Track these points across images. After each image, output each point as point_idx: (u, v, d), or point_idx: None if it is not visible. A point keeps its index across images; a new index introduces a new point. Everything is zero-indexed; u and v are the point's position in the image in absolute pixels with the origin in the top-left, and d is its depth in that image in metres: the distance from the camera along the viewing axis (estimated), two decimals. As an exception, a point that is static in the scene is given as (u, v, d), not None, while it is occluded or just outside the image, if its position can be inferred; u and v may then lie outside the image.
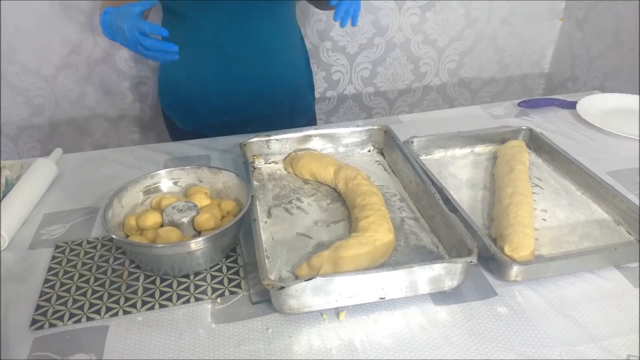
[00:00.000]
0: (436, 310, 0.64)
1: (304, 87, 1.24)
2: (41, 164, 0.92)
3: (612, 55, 1.61)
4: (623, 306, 0.64)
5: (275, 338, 0.61)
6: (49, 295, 0.67)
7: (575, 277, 0.69)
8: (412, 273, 0.62)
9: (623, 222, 0.77)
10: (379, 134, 0.98)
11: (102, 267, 0.72)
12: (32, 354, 0.59)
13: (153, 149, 1.03)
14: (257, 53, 1.09)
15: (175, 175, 0.82)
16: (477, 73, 1.89)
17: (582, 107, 1.14)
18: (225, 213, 0.76)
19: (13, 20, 1.42)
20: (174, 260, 0.67)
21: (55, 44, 1.48)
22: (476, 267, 0.70)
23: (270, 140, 0.95)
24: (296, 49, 1.19)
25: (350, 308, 0.64)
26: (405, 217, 0.80)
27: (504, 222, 0.74)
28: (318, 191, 0.88)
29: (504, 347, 0.59)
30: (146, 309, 0.65)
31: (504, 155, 0.92)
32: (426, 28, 1.74)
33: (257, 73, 1.11)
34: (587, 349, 0.59)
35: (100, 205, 0.85)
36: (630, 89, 1.47)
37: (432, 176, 0.83)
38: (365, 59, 1.75)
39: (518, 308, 0.64)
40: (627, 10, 1.53)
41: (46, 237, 0.79)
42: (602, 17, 1.64)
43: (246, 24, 1.05)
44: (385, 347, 0.59)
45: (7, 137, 1.61)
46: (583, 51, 1.74)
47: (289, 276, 0.69)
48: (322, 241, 0.75)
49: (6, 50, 1.46)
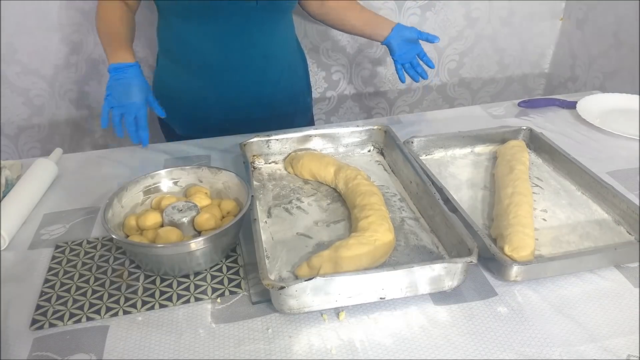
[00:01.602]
0: (436, 310, 0.64)
1: (302, 90, 1.24)
2: (41, 164, 0.92)
3: (612, 55, 1.61)
4: (623, 306, 0.64)
5: (275, 338, 0.61)
6: (49, 295, 0.67)
7: (575, 277, 0.69)
8: (412, 273, 0.62)
9: (623, 222, 0.77)
10: (379, 134, 0.98)
11: (102, 267, 0.72)
12: (32, 354, 0.59)
13: (153, 149, 1.03)
14: (256, 59, 1.09)
15: (175, 175, 0.82)
16: (477, 73, 1.89)
17: (582, 107, 1.14)
18: (225, 213, 0.76)
19: (13, 20, 1.42)
20: (174, 260, 0.67)
21: (55, 44, 1.48)
22: (476, 267, 0.70)
23: (270, 140, 0.95)
24: (293, 53, 1.19)
25: (350, 308, 0.64)
26: (405, 217, 0.80)
27: (504, 222, 0.74)
28: (318, 191, 0.88)
29: (504, 347, 0.59)
30: (146, 309, 0.65)
31: (504, 155, 0.92)
32: (426, 28, 1.74)
33: (256, 78, 1.11)
34: (587, 349, 0.59)
35: (100, 205, 0.85)
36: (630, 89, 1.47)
37: (432, 176, 0.83)
38: (366, 59, 1.75)
39: (518, 308, 0.64)
40: (627, 10, 1.53)
41: (46, 237, 0.79)
42: (602, 17, 1.64)
43: (245, 30, 1.05)
44: (385, 347, 0.59)
45: (7, 137, 1.61)
46: (583, 51, 1.74)
47: (289, 276, 0.69)
48: (322, 241, 0.75)
49: (6, 50, 1.46)
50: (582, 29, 1.73)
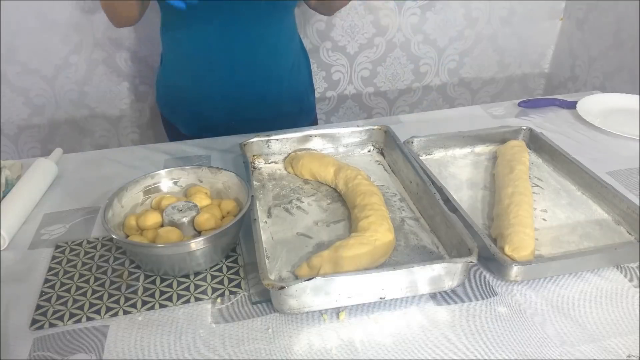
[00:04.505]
0: (436, 310, 0.64)
1: (306, 88, 1.24)
2: (41, 164, 0.92)
3: (612, 55, 1.61)
4: (623, 306, 0.64)
5: (275, 338, 0.61)
6: (49, 295, 0.67)
7: (575, 277, 0.69)
8: (412, 273, 0.62)
9: (623, 222, 0.77)
10: (379, 134, 0.98)
11: (102, 267, 0.72)
12: (32, 354, 0.59)
13: (153, 149, 1.03)
14: (261, 56, 1.09)
15: (175, 175, 0.82)
16: (477, 73, 1.89)
17: (582, 107, 1.14)
18: (225, 213, 0.76)
19: (13, 20, 1.42)
20: (174, 260, 0.67)
21: (55, 44, 1.49)
22: (476, 267, 0.70)
23: (270, 140, 0.95)
24: (297, 50, 1.19)
25: (350, 308, 0.64)
26: (405, 217, 0.80)
27: (504, 222, 0.74)
28: (318, 191, 0.88)
29: (504, 347, 0.59)
30: (146, 309, 0.65)
31: (504, 155, 0.92)
32: (426, 28, 1.74)
33: (261, 75, 1.11)
34: (587, 349, 0.59)
35: (100, 205, 0.85)
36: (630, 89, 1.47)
37: (432, 176, 0.83)
38: (365, 59, 1.75)
39: (518, 308, 0.64)
40: (627, 10, 1.53)
41: (46, 237, 0.79)
42: (602, 17, 1.64)
43: (250, 27, 1.05)
44: (385, 347, 0.59)
45: (7, 137, 1.61)
46: (583, 51, 1.74)
47: (289, 276, 0.69)
48: (322, 241, 0.75)
49: (6, 50, 1.46)
50: (582, 29, 1.74)
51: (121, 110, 1.66)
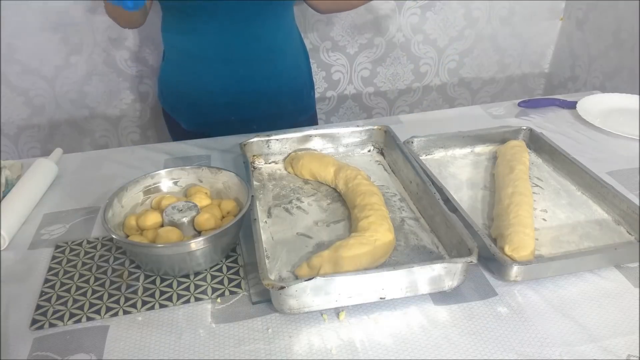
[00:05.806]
0: (436, 310, 0.64)
1: (306, 85, 1.25)
2: (41, 164, 0.92)
3: (612, 55, 1.61)
4: (623, 306, 0.64)
5: (275, 338, 0.61)
6: (49, 295, 0.67)
7: (575, 277, 0.69)
8: (412, 273, 0.62)
9: (623, 222, 0.77)
10: (379, 134, 0.98)
11: (102, 267, 0.72)
12: (32, 354, 0.59)
13: (153, 149, 1.03)
14: (261, 52, 1.10)
15: (175, 175, 0.82)
16: (477, 73, 1.89)
17: (582, 107, 1.14)
18: (225, 213, 0.76)
19: (13, 20, 1.42)
20: (174, 260, 0.67)
21: (55, 44, 1.49)
22: (476, 267, 0.70)
23: (271, 140, 0.95)
24: (297, 47, 1.20)
25: (350, 308, 0.64)
26: (405, 217, 0.80)
27: (504, 222, 0.74)
28: (318, 191, 0.88)
29: (504, 347, 0.59)
30: (146, 309, 0.65)
31: (504, 155, 0.92)
32: (426, 28, 1.74)
33: (261, 72, 1.12)
34: (587, 349, 0.59)
35: (100, 205, 0.85)
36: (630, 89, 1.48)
37: (432, 176, 0.83)
38: (365, 59, 1.75)
39: (518, 308, 0.64)
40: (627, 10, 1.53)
41: (46, 237, 0.79)
42: (602, 17, 1.64)
43: (250, 24, 1.06)
44: (386, 347, 0.59)
45: (7, 137, 1.61)
46: (583, 51, 1.74)
47: (289, 276, 0.69)
48: (322, 241, 0.75)
49: (6, 50, 1.46)
50: (582, 29, 1.74)
51: (121, 110, 1.66)
